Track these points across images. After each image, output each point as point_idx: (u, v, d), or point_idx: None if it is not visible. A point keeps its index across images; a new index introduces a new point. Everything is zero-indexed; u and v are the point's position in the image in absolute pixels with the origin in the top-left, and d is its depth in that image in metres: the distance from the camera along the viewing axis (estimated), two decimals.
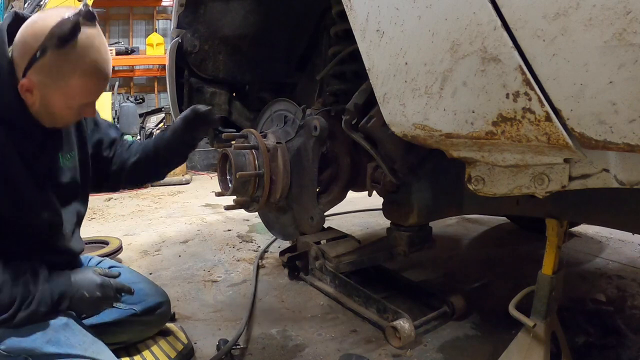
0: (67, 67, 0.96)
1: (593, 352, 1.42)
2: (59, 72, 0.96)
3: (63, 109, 1.03)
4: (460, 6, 0.66)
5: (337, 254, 1.71)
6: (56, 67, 0.95)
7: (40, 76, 0.96)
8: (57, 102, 1.01)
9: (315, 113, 1.29)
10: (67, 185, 1.19)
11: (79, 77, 0.98)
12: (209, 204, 4.08)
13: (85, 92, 1.02)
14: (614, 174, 0.67)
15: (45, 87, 0.97)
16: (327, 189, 1.41)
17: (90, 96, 1.05)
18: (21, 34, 0.95)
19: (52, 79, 0.96)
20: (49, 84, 0.97)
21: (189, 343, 1.45)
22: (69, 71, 0.96)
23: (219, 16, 1.61)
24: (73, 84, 0.98)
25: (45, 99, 0.99)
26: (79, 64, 0.96)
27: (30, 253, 1.09)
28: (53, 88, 0.98)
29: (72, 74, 0.97)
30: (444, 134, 0.77)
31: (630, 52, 0.51)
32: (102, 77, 1.02)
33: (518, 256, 2.45)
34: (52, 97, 0.99)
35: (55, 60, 0.94)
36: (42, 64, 0.94)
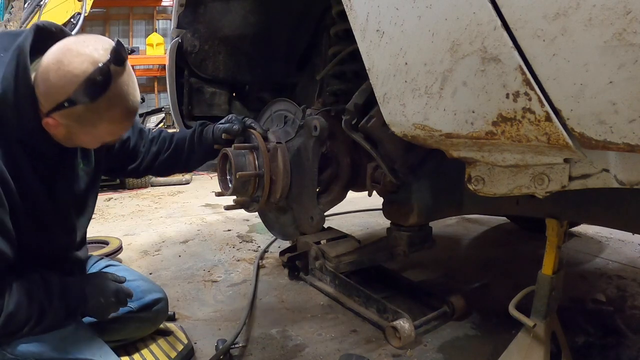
0: (97, 117, 0.94)
1: (593, 352, 1.42)
2: (87, 121, 0.94)
3: (87, 143, 1.04)
4: (460, 6, 0.66)
5: (337, 254, 1.71)
6: (85, 117, 0.93)
7: (67, 120, 0.94)
8: (83, 140, 1.01)
9: (315, 113, 1.29)
10: (82, 192, 1.21)
11: (107, 123, 0.97)
12: (209, 204, 4.08)
13: (113, 134, 1.03)
14: (614, 174, 0.67)
15: (72, 129, 0.96)
16: (327, 189, 1.41)
17: (115, 136, 1.06)
18: (47, 73, 0.90)
19: (80, 125, 0.95)
20: (75, 128, 0.96)
21: (189, 343, 1.46)
22: (98, 120, 0.95)
23: (219, 16, 1.61)
24: (101, 128, 0.98)
25: (70, 136, 0.98)
26: (108, 114, 0.95)
27: (40, 263, 1.10)
28: (80, 131, 0.97)
29: (101, 121, 0.96)
30: (444, 134, 0.77)
31: (630, 52, 0.51)
32: (131, 118, 1.01)
33: (518, 256, 2.45)
34: (78, 136, 0.99)
35: (84, 112, 0.92)
36: (70, 112, 0.92)
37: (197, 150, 1.40)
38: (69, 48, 0.90)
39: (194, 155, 1.42)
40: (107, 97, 0.91)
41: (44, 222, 1.08)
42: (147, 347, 1.39)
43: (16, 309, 0.96)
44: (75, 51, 0.89)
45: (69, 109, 0.91)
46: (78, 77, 0.88)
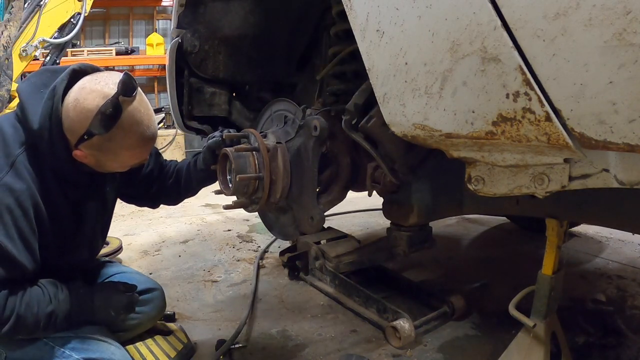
0: (114, 145, 1.03)
1: (593, 352, 1.42)
2: (108, 150, 1.04)
3: (116, 168, 1.12)
4: (460, 6, 0.66)
5: (337, 254, 1.71)
6: (105, 147, 1.03)
7: (91, 150, 1.03)
8: (112, 166, 1.10)
9: (315, 113, 1.28)
10: (107, 214, 1.32)
11: (127, 150, 1.06)
12: (209, 204, 4.07)
13: (135, 158, 1.10)
14: (614, 174, 0.67)
15: (98, 157, 1.05)
16: (327, 189, 1.41)
17: (138, 160, 1.12)
18: (68, 111, 1.00)
19: (102, 154, 1.04)
20: (100, 156, 1.05)
21: (189, 342, 1.46)
22: (117, 148, 1.04)
23: (219, 16, 1.61)
24: (122, 155, 1.07)
25: (99, 163, 1.07)
26: (125, 142, 1.03)
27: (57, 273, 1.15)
28: (106, 159, 1.06)
29: (120, 149, 1.05)
30: (444, 134, 0.77)
31: (630, 52, 0.51)
32: (149, 142, 1.09)
33: (518, 256, 2.44)
34: (105, 162, 1.08)
35: (102, 142, 1.01)
36: (91, 144, 1.01)
37: (193, 177, 1.46)
38: (84, 86, 1.01)
39: (191, 182, 1.48)
40: (120, 127, 1.00)
41: (70, 242, 1.16)
42: (147, 347, 1.39)
43: (25, 313, 1.01)
44: (88, 89, 1.00)
45: (89, 141, 1.01)
46: (92, 112, 0.98)
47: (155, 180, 1.43)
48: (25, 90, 1.06)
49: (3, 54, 3.85)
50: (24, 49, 4.12)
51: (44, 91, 1.03)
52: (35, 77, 1.10)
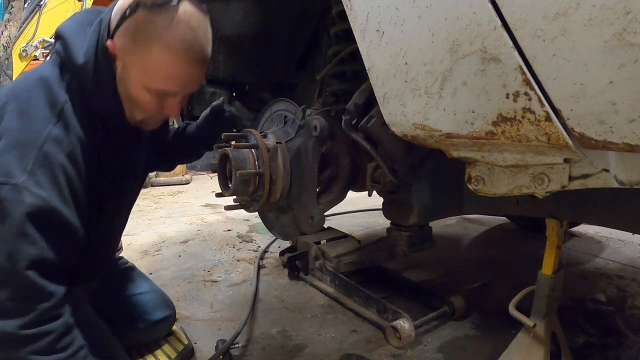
0: (152, 32, 0.84)
1: (593, 352, 1.42)
2: (142, 36, 0.85)
3: (140, 90, 0.91)
4: (460, 6, 0.66)
5: (337, 254, 1.71)
6: (141, 29, 0.85)
7: (124, 39, 0.86)
8: (134, 77, 0.90)
9: (315, 113, 1.28)
10: (137, 189, 1.26)
11: (160, 49, 0.86)
12: (209, 204, 4.07)
13: (164, 71, 0.88)
14: (614, 174, 0.67)
15: (127, 53, 0.88)
16: (327, 189, 1.41)
17: (170, 82, 0.91)
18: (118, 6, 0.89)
19: (134, 43, 0.86)
20: (130, 50, 0.87)
21: (189, 343, 1.46)
22: (152, 38, 0.85)
23: (218, 16, 1.61)
24: (153, 55, 0.86)
25: (125, 71, 0.90)
26: (165, 34, 0.85)
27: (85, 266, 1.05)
28: (133, 55, 0.87)
29: (155, 42, 0.85)
30: (444, 134, 0.77)
31: (630, 52, 0.51)
32: (187, 61, 0.89)
33: (518, 256, 2.45)
34: (131, 69, 0.89)
35: (142, 20, 0.84)
36: (129, 24, 0.85)
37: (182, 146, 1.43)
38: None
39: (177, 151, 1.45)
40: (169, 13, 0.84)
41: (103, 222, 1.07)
42: (148, 348, 1.39)
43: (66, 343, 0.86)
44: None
45: (129, 18, 0.85)
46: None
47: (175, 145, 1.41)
48: (69, 27, 0.93)
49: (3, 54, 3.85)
50: (24, 49, 4.12)
51: (89, 29, 0.91)
52: (81, 15, 0.97)
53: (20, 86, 0.89)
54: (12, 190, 0.78)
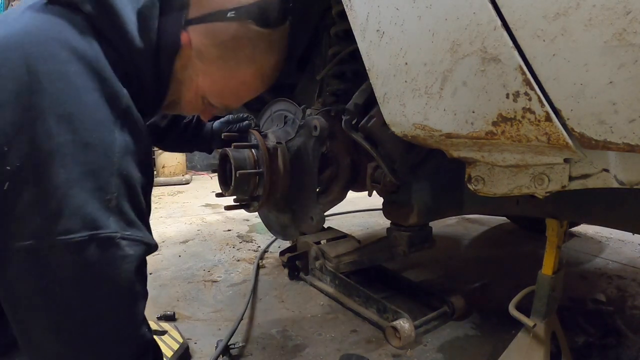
0: (250, 51, 0.73)
1: (593, 352, 1.42)
2: (236, 50, 0.72)
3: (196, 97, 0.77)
4: (460, 6, 0.66)
5: (337, 254, 1.71)
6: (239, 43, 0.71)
7: (208, 41, 0.70)
8: (200, 85, 0.74)
9: (315, 113, 1.29)
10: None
11: (251, 71, 0.75)
12: (209, 204, 4.07)
13: (240, 93, 0.79)
14: (614, 174, 0.67)
15: (203, 58, 0.71)
16: (327, 189, 1.41)
17: (236, 101, 0.82)
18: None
19: (220, 53, 0.71)
20: (211, 57, 0.71)
21: (185, 342, 1.45)
22: (248, 58, 0.73)
23: None
24: (240, 75, 0.75)
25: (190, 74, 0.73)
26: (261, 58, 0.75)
27: None
28: (211, 64, 0.72)
29: (249, 63, 0.74)
30: (444, 134, 0.77)
31: (630, 52, 0.51)
32: (265, 86, 0.82)
33: (518, 256, 2.45)
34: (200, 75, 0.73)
35: (245, 33, 0.71)
36: (224, 28, 0.69)
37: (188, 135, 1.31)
38: None
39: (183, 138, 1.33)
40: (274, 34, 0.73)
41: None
42: None
43: None
44: None
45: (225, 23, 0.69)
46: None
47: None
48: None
49: None
50: None
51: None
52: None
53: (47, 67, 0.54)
54: (107, 245, 0.55)
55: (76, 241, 0.52)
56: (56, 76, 0.53)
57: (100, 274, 0.55)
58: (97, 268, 0.55)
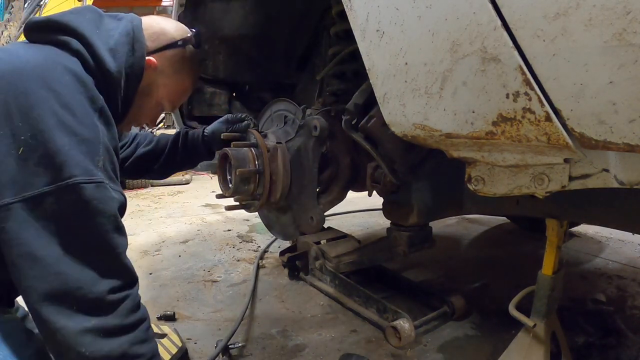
0: (191, 65, 1.05)
1: (593, 352, 1.42)
2: (183, 65, 1.03)
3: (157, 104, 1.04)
4: (460, 6, 0.66)
5: (337, 254, 1.71)
6: (185, 61, 1.03)
7: (167, 62, 1.00)
8: (161, 94, 1.03)
9: (315, 113, 1.29)
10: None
11: (190, 79, 1.07)
12: (209, 204, 4.07)
13: (184, 94, 1.09)
14: (614, 174, 0.67)
15: (163, 74, 1.01)
16: (327, 189, 1.41)
17: (179, 101, 1.10)
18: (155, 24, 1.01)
19: (174, 69, 1.02)
20: (169, 72, 1.01)
21: (183, 345, 1.45)
22: (190, 69, 1.05)
23: (219, 16, 1.61)
24: (185, 82, 1.06)
25: (154, 87, 1.00)
26: (196, 68, 1.08)
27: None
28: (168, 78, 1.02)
29: (190, 72, 1.05)
30: (444, 134, 0.77)
31: (630, 52, 0.51)
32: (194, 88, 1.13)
33: (518, 256, 2.45)
34: (161, 87, 1.02)
35: (188, 54, 1.03)
36: (177, 52, 1.01)
37: (180, 152, 1.36)
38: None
39: (175, 157, 1.36)
40: (198, 54, 1.06)
41: None
42: None
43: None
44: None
45: (178, 49, 1.01)
46: (186, 29, 1.04)
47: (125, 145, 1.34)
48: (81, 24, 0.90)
49: None
50: None
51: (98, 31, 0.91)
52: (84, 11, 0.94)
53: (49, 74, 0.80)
54: (99, 187, 0.78)
55: (80, 181, 0.74)
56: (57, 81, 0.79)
57: (97, 206, 0.76)
58: (94, 203, 0.76)
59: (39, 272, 0.74)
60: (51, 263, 0.75)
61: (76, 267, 0.76)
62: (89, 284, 0.77)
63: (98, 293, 0.78)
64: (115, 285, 0.80)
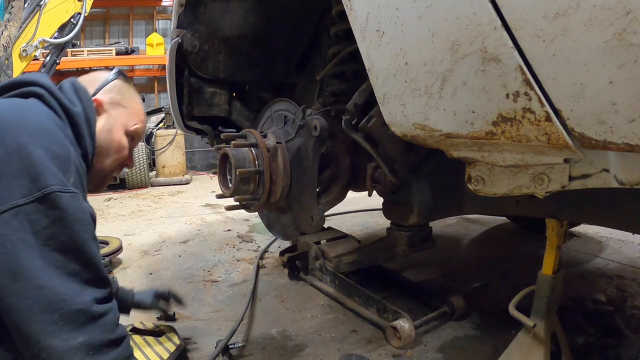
0: (130, 90, 1.13)
1: (593, 352, 1.42)
2: (125, 93, 1.10)
3: (122, 134, 1.09)
4: (460, 6, 0.66)
5: (337, 254, 1.71)
6: (124, 88, 1.11)
7: (110, 95, 1.07)
8: (120, 122, 1.08)
9: (315, 113, 1.29)
10: None
11: (137, 100, 1.14)
12: (209, 204, 4.08)
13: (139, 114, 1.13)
14: (614, 174, 0.67)
15: (113, 106, 1.07)
16: (327, 189, 1.41)
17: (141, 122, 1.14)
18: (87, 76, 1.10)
19: (121, 96, 1.09)
20: (116, 101, 1.08)
21: (181, 344, 1.45)
22: (131, 94, 1.12)
23: (219, 16, 1.61)
24: (135, 104, 1.12)
25: (111, 120, 1.06)
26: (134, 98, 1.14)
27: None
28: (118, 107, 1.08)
29: (134, 95, 1.13)
30: (444, 134, 0.77)
31: (630, 52, 0.51)
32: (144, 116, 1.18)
33: (518, 256, 2.44)
34: (117, 117, 1.07)
35: (123, 83, 1.12)
36: (114, 85, 1.09)
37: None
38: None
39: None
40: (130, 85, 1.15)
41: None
42: (140, 350, 1.37)
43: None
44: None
45: (111, 83, 1.08)
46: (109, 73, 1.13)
47: None
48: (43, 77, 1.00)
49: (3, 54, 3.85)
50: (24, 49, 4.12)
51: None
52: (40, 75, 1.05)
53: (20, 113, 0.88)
54: (74, 197, 0.80)
55: (56, 190, 0.77)
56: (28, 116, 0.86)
57: (74, 214, 0.79)
58: (71, 211, 0.79)
59: (19, 288, 0.73)
60: (31, 277, 0.74)
61: (57, 279, 0.76)
62: (71, 295, 0.77)
63: (82, 304, 0.77)
64: (98, 296, 0.81)
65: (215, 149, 1.42)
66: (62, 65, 5.48)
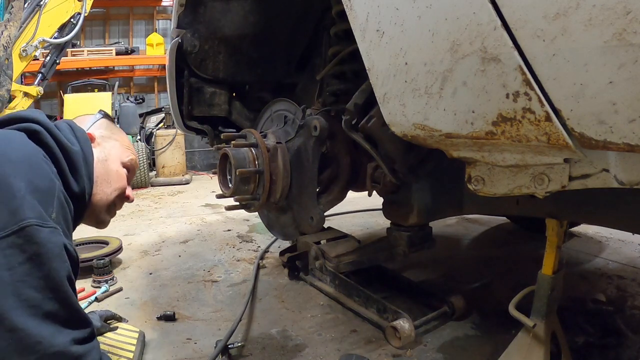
0: (118, 128, 1.21)
1: (593, 352, 1.42)
2: (111, 129, 1.18)
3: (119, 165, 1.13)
4: (460, 6, 0.66)
5: (337, 254, 1.71)
6: (110, 124, 1.18)
7: (102, 130, 1.14)
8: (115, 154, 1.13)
9: (315, 113, 1.29)
10: None
11: (127, 138, 1.22)
12: (209, 204, 4.08)
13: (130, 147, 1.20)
14: (614, 174, 0.67)
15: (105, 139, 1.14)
16: (327, 189, 1.41)
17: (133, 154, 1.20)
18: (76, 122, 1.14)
19: (111, 132, 1.17)
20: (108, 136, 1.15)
21: (140, 331, 1.49)
22: (120, 131, 1.21)
23: (219, 16, 1.61)
24: (124, 137, 1.20)
25: (106, 152, 1.11)
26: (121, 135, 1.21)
27: None
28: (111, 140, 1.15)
29: (122, 133, 1.21)
30: (444, 134, 0.77)
31: (630, 52, 0.51)
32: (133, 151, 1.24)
33: (518, 256, 2.44)
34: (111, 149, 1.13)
35: (108, 123, 1.19)
36: (103, 122, 1.17)
37: None
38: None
39: None
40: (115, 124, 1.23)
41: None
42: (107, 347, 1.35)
43: None
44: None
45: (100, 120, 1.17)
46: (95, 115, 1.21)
47: None
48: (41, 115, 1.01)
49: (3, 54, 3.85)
50: (24, 49, 4.13)
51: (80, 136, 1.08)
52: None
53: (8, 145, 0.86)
54: (54, 232, 0.78)
55: (35, 224, 0.75)
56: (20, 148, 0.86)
57: (52, 250, 0.76)
58: (50, 246, 0.76)
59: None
60: (4, 319, 0.70)
61: (32, 320, 0.72)
62: (48, 337, 0.73)
63: (60, 346, 0.74)
64: (77, 336, 0.78)
65: (215, 149, 1.42)
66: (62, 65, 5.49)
